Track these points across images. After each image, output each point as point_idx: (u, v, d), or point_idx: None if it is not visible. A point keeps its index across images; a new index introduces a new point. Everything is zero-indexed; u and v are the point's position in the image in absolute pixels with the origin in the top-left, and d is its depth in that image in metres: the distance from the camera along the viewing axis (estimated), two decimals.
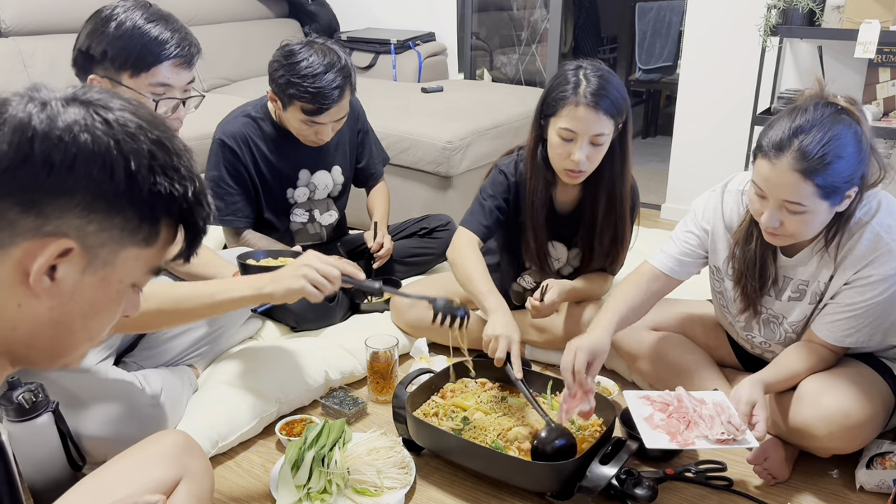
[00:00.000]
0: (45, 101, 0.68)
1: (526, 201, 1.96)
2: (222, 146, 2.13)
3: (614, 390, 1.92)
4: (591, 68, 1.79)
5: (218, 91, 3.81)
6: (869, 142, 1.42)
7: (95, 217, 0.69)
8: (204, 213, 0.77)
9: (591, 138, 1.77)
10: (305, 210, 2.32)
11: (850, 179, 1.40)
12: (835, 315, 1.56)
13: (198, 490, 1.21)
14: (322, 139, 2.13)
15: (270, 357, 1.95)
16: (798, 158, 1.37)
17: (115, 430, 1.51)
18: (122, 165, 0.69)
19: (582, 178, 1.84)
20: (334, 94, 1.99)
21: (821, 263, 1.56)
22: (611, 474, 1.47)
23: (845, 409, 1.51)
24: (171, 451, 1.21)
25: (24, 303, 0.70)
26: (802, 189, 1.38)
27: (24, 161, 0.66)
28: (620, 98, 1.79)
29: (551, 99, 1.80)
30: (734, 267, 1.66)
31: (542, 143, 1.88)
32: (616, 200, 1.92)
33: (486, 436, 1.62)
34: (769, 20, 2.77)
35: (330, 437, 1.66)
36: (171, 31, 1.53)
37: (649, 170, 4.25)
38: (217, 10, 4.01)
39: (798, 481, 1.64)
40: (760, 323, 1.71)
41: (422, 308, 2.14)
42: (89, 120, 0.68)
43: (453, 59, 4.17)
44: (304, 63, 1.97)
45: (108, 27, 1.49)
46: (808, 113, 1.40)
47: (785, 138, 1.38)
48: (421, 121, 3.02)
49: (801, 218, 1.43)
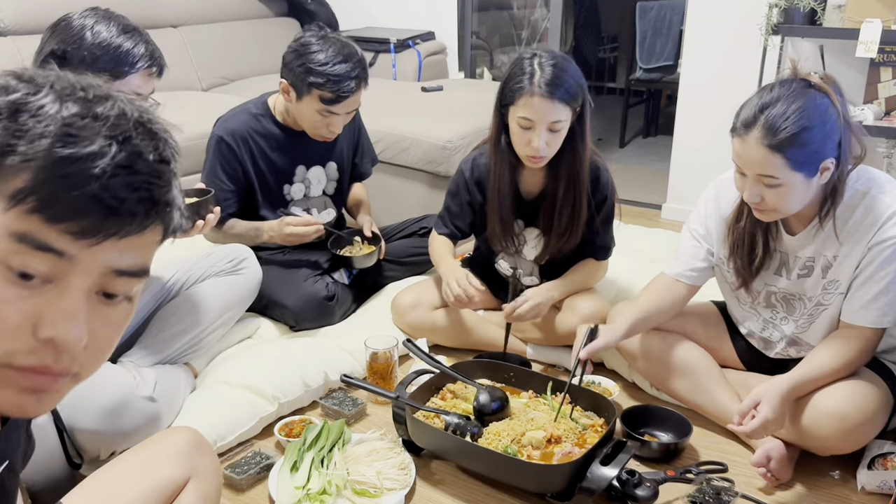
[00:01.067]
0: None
1: (490, 188, 2.01)
2: (220, 142, 2.13)
3: (615, 391, 1.92)
4: (547, 56, 1.83)
5: (217, 90, 3.80)
6: (843, 116, 1.44)
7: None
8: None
9: (549, 125, 1.81)
10: (302, 209, 2.31)
11: (822, 150, 1.43)
12: (865, 295, 1.54)
13: (206, 489, 1.17)
14: (333, 132, 2.13)
15: (269, 357, 1.94)
16: (764, 133, 1.43)
17: (108, 424, 1.51)
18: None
19: (544, 162, 1.89)
20: (353, 84, 2.01)
21: (824, 239, 1.57)
22: (612, 475, 1.46)
23: (845, 409, 1.51)
24: (182, 448, 1.17)
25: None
26: (772, 162, 1.43)
27: None
28: (575, 85, 1.83)
29: (508, 89, 1.84)
30: (727, 245, 1.69)
31: (504, 130, 1.92)
32: (575, 179, 1.96)
33: (499, 441, 1.62)
34: (770, 19, 2.77)
35: (329, 437, 1.66)
36: (144, 45, 1.60)
37: (650, 169, 4.24)
38: (216, 10, 4.00)
39: (799, 482, 1.64)
40: (780, 301, 1.70)
41: (423, 310, 2.14)
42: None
43: (453, 59, 4.17)
44: (324, 53, 2.00)
45: (82, 37, 1.54)
46: (776, 90, 1.46)
47: (752, 115, 1.45)
48: (421, 120, 3.01)
49: (778, 191, 1.46)
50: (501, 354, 1.99)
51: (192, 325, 1.87)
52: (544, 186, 2.01)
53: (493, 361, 1.90)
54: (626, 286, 2.31)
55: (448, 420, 1.66)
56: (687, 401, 1.83)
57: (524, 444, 1.61)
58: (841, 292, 1.59)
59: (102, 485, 1.11)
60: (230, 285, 1.96)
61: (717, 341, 1.88)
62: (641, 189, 3.83)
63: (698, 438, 1.79)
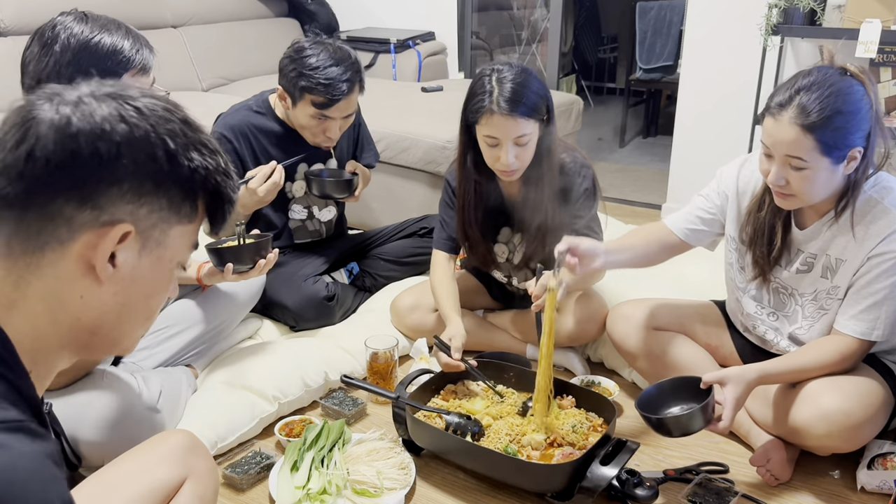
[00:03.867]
0: (76, 100, 0.71)
1: (458, 207, 2.01)
2: (220, 139, 2.12)
3: (615, 391, 1.92)
4: (507, 70, 1.78)
5: (217, 90, 3.81)
6: (875, 109, 1.45)
7: (146, 200, 0.73)
8: (232, 183, 0.81)
9: (515, 140, 1.79)
10: (304, 206, 2.31)
11: (852, 137, 1.43)
12: (858, 304, 1.55)
13: (202, 490, 1.20)
14: (330, 138, 2.12)
15: (270, 357, 1.94)
16: (798, 113, 1.42)
17: (111, 435, 1.51)
18: (161, 147, 0.73)
19: (517, 175, 1.87)
20: (344, 87, 2.00)
21: (832, 238, 1.57)
22: (611, 475, 1.46)
23: (845, 408, 1.51)
24: (177, 450, 1.20)
25: (86, 293, 0.73)
26: (803, 143, 1.42)
27: (73, 157, 0.69)
28: (537, 97, 1.79)
29: (470, 108, 1.81)
30: (747, 233, 1.69)
31: (471, 148, 1.90)
32: (544, 182, 1.91)
33: (499, 441, 1.62)
34: (770, 19, 2.77)
35: (329, 437, 1.66)
36: (122, 39, 1.46)
37: (650, 170, 4.24)
38: (217, 10, 4.00)
39: (799, 482, 1.64)
40: (771, 292, 1.71)
41: (422, 312, 2.14)
42: (122, 110, 0.72)
43: (453, 59, 4.17)
44: (315, 57, 2.00)
45: (53, 48, 1.42)
46: (814, 74, 1.46)
47: (787, 96, 1.45)
48: (421, 120, 3.01)
49: (804, 175, 1.46)
50: (501, 355, 1.99)
51: (196, 327, 1.87)
52: (525, 188, 1.99)
53: (493, 361, 1.90)
54: (625, 286, 2.30)
55: (448, 420, 1.66)
56: None
57: (524, 444, 1.61)
58: (839, 298, 1.59)
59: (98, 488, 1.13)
60: (234, 288, 1.96)
61: (717, 340, 1.88)
62: (641, 189, 3.82)
63: (698, 438, 1.79)
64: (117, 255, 0.73)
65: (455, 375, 1.86)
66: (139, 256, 0.75)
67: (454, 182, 2.04)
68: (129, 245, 0.73)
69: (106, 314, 0.75)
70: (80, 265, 0.72)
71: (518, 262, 2.07)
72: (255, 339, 2.13)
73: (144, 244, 0.75)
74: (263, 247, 1.80)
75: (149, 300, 0.79)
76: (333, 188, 2.24)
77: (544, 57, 4.53)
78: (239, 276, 1.79)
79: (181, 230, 0.77)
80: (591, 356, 2.16)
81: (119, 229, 0.71)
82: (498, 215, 2.03)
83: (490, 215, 2.03)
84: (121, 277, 0.74)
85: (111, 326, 0.77)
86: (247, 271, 1.79)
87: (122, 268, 0.74)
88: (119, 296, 0.75)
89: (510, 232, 2.06)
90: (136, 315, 0.79)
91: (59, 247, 0.71)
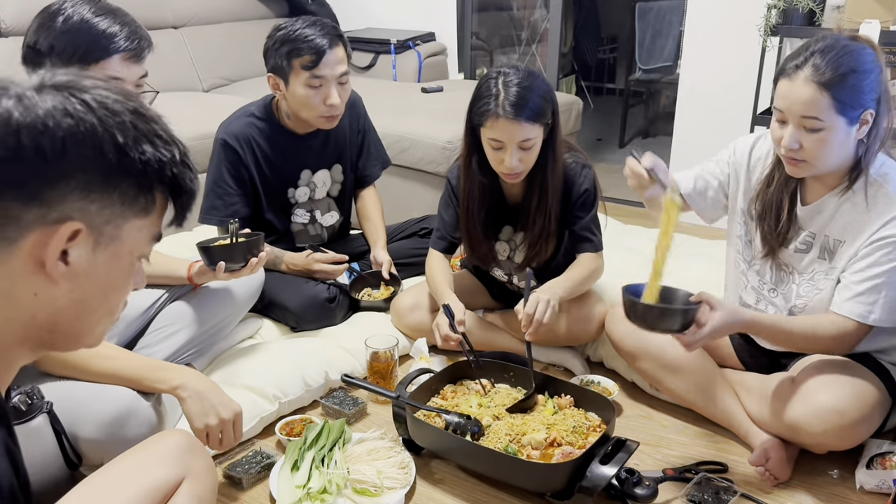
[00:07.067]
0: (18, 93, 0.69)
1: (461, 208, 2.02)
2: (224, 146, 2.13)
3: (614, 390, 1.92)
4: (513, 74, 1.80)
5: (218, 91, 3.81)
6: (885, 78, 1.48)
7: (95, 196, 0.71)
8: (191, 174, 0.79)
9: (520, 144, 1.80)
10: (307, 211, 2.32)
11: (865, 97, 1.46)
12: (857, 287, 1.54)
13: (200, 490, 1.19)
14: (332, 104, 2.07)
15: (270, 357, 1.95)
16: (814, 71, 1.44)
17: (112, 433, 1.51)
18: (110, 141, 0.71)
19: (520, 178, 1.89)
20: (325, 41, 2.02)
21: (836, 212, 1.58)
22: (611, 474, 1.46)
23: (840, 406, 1.52)
24: (174, 450, 1.19)
25: (40, 291, 0.72)
26: (819, 101, 1.44)
27: (16, 154, 0.67)
28: (542, 101, 1.80)
29: (476, 111, 1.83)
30: (756, 209, 1.71)
31: (476, 150, 1.91)
32: (547, 185, 1.93)
33: (499, 440, 1.62)
34: (769, 20, 2.77)
35: (330, 437, 1.66)
36: (120, 25, 1.52)
37: None
38: (217, 10, 4.01)
39: (798, 481, 1.64)
40: (773, 268, 1.72)
41: (423, 312, 2.14)
42: (67, 104, 0.70)
43: (453, 59, 4.17)
44: (291, 26, 2.05)
45: (55, 22, 1.49)
46: (828, 38, 1.49)
47: (803, 58, 1.47)
48: (421, 121, 3.02)
49: (818, 137, 1.47)
50: (501, 354, 2.00)
51: (195, 326, 1.87)
52: (527, 189, 2.00)
53: (493, 361, 1.91)
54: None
55: (448, 419, 1.66)
56: (685, 400, 1.84)
57: (524, 444, 1.62)
58: (835, 280, 1.60)
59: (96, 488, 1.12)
60: (232, 286, 1.96)
61: (716, 341, 1.88)
62: None
63: (698, 438, 1.80)
64: (69, 253, 0.71)
65: (455, 375, 1.87)
66: (93, 253, 0.73)
67: (455, 181, 2.04)
68: (81, 242, 0.72)
69: (61, 311, 0.74)
70: (31, 263, 0.71)
71: (519, 260, 2.08)
72: (256, 339, 2.13)
73: (98, 240, 0.73)
74: (255, 245, 1.80)
75: (107, 295, 0.78)
76: (378, 305, 2.27)
77: (544, 57, 4.53)
78: (231, 274, 1.79)
79: (138, 224, 0.76)
80: (590, 356, 2.16)
81: (68, 227, 0.70)
82: (500, 214, 2.04)
83: (492, 214, 2.03)
84: (75, 274, 0.73)
85: (69, 323, 0.76)
86: (238, 270, 1.78)
87: (76, 265, 0.72)
88: (74, 293, 0.74)
89: (512, 230, 2.07)
90: (95, 311, 0.77)
91: (9, 246, 0.70)
